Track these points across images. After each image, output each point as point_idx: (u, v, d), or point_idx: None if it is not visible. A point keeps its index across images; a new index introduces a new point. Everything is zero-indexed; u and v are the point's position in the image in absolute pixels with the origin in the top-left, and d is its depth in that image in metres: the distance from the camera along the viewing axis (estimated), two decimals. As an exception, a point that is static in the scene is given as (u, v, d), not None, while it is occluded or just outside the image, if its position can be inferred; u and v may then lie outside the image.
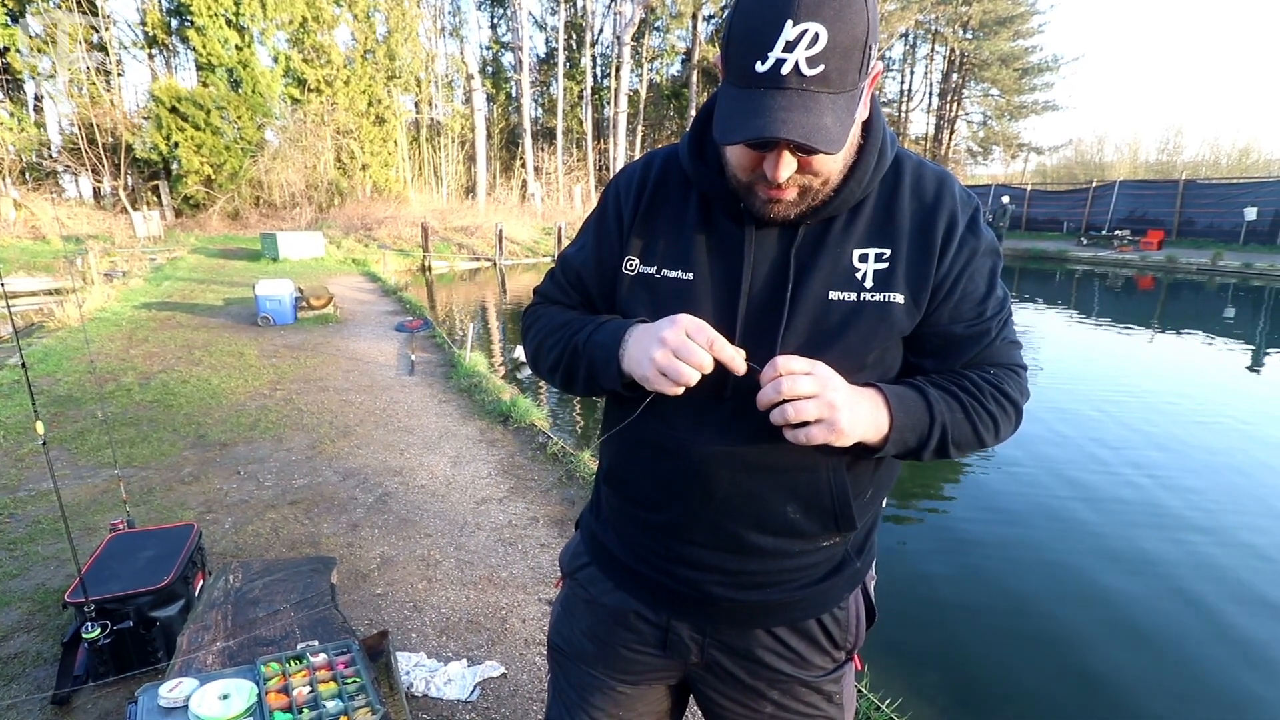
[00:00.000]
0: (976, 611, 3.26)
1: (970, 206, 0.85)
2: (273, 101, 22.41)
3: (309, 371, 6.36)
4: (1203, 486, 4.52)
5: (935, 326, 0.84)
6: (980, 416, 0.83)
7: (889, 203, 0.83)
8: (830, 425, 0.72)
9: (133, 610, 2.17)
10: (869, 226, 0.82)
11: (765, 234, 0.82)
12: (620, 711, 1.03)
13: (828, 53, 0.65)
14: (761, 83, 0.67)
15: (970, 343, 0.85)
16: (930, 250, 0.81)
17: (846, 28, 0.65)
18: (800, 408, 0.72)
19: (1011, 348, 0.88)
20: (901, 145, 0.87)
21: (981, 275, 0.84)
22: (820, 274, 0.81)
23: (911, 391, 0.81)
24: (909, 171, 0.84)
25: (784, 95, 0.67)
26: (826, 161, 0.74)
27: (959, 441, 0.83)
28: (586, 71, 32.20)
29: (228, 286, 11.45)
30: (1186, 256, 17.25)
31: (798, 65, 0.65)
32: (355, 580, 2.89)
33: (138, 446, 4.36)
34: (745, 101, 0.69)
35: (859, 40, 0.66)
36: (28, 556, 3.01)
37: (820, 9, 0.64)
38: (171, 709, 1.41)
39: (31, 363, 6.11)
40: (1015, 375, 0.87)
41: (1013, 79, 32.64)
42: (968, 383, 0.84)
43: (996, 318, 0.85)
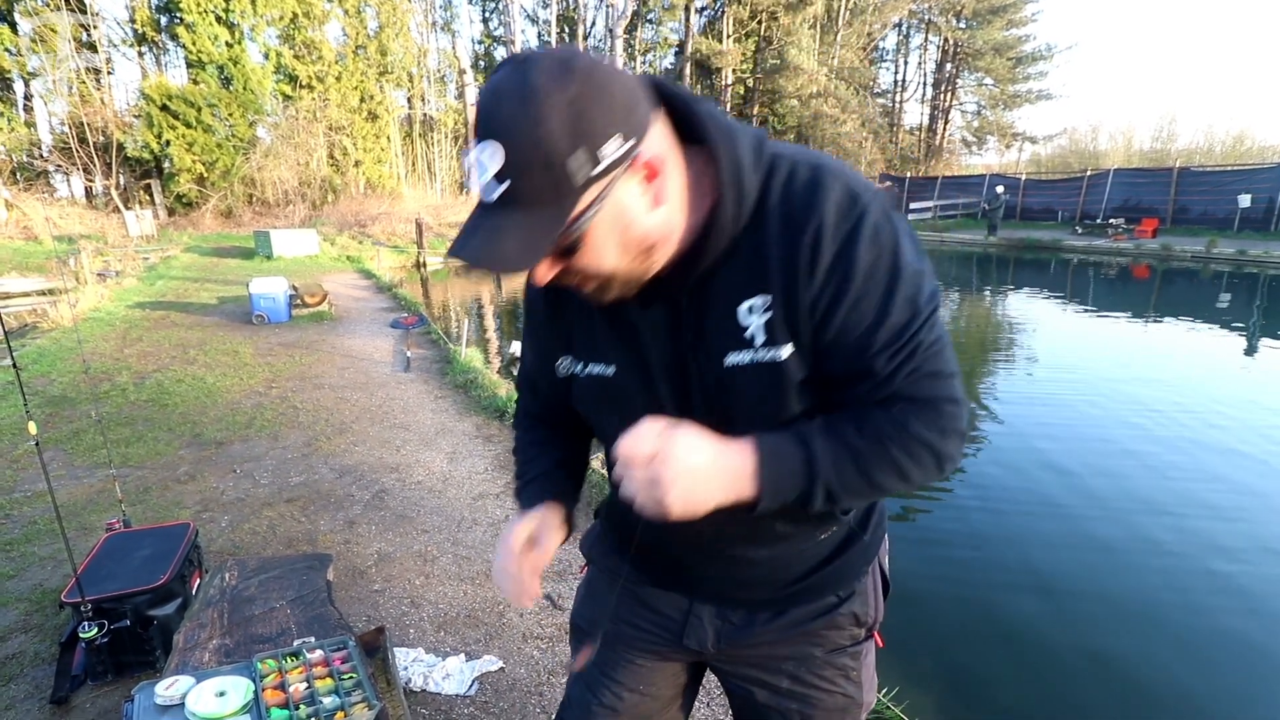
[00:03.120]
0: (972, 600, 3.28)
1: (853, 214, 0.69)
2: (264, 98, 22.28)
3: (304, 369, 6.34)
4: (1199, 474, 4.55)
5: (820, 363, 0.74)
6: (879, 466, 0.73)
7: (758, 235, 0.71)
8: (660, 507, 0.69)
9: (129, 609, 2.17)
10: (746, 272, 0.72)
11: (654, 310, 0.77)
12: (641, 685, 1.05)
13: (508, 170, 0.61)
14: (479, 195, 0.66)
15: (856, 381, 0.73)
16: (796, 277, 0.70)
17: (521, 144, 0.60)
18: (630, 487, 0.70)
19: (928, 381, 0.73)
20: (779, 146, 0.74)
21: (869, 300, 0.70)
22: (713, 339, 0.76)
23: (793, 446, 0.72)
24: (777, 186, 0.71)
25: (480, 214, 0.66)
26: (590, 258, 0.68)
27: (854, 492, 0.75)
28: (579, 65, 32.09)
29: (222, 285, 11.40)
30: (1181, 244, 17.26)
31: (487, 184, 0.63)
32: (352, 577, 2.89)
33: (133, 446, 4.35)
34: (467, 221, 0.68)
35: (542, 156, 0.60)
36: (24, 557, 3.01)
37: (493, 125, 0.61)
38: (168, 706, 1.41)
39: (25, 364, 6.08)
40: (933, 412, 0.73)
41: (1006, 68, 32.64)
42: (870, 426, 0.73)
43: (891, 349, 0.71)
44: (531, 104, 0.60)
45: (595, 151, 0.61)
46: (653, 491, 0.68)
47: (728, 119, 0.73)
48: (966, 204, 25.70)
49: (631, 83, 0.65)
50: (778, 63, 32.09)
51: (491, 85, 0.64)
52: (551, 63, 0.61)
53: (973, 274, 16.15)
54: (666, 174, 0.68)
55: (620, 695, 1.04)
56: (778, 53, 32.22)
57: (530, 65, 0.61)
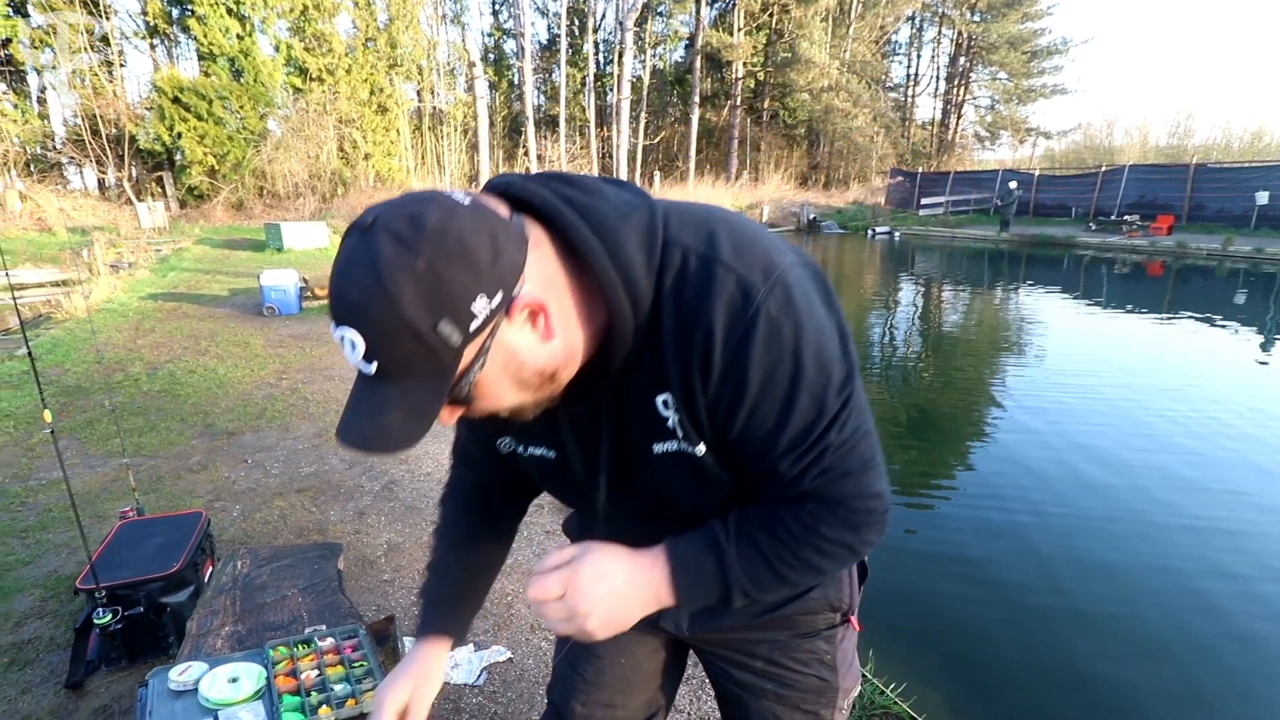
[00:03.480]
0: (981, 597, 3.26)
1: (745, 315, 0.64)
2: (275, 91, 22.33)
3: (314, 361, 6.38)
4: (1214, 475, 4.51)
5: (732, 458, 0.74)
6: (791, 567, 0.74)
7: (656, 335, 0.68)
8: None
9: (143, 596, 2.19)
10: (652, 369, 0.70)
11: (578, 406, 0.76)
12: (622, 658, 1.07)
13: (374, 351, 0.58)
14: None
15: (765, 479, 0.73)
16: (691, 382, 0.68)
17: (380, 326, 0.57)
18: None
19: (839, 481, 0.71)
20: (672, 227, 0.68)
21: (768, 406, 0.67)
22: (638, 430, 0.75)
23: (707, 554, 0.75)
24: (669, 281, 0.66)
25: (361, 386, 0.63)
26: (487, 402, 0.67)
27: (770, 590, 0.77)
28: (589, 58, 31.97)
29: (233, 277, 11.47)
30: (1196, 242, 17.07)
31: (357, 365, 0.60)
32: (362, 566, 2.91)
33: (146, 436, 4.39)
34: (351, 391, 0.65)
35: (407, 332, 0.56)
36: (39, 544, 3.05)
37: (348, 309, 0.58)
38: (181, 692, 1.42)
39: (39, 353, 6.15)
40: (846, 511, 0.72)
41: (1021, 62, 32.30)
42: (781, 528, 0.73)
43: (796, 452, 0.69)
44: (382, 281, 0.55)
45: (462, 317, 0.57)
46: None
47: (613, 208, 0.66)
48: (979, 200, 25.52)
49: (493, 225, 0.59)
50: (789, 56, 31.89)
51: (340, 259, 0.59)
52: (400, 228, 0.56)
53: (984, 270, 16.04)
54: (552, 307, 0.64)
55: (601, 669, 1.07)
56: (789, 46, 32.01)
57: (376, 234, 0.57)
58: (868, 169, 35.59)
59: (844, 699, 1.03)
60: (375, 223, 0.58)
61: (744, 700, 1.03)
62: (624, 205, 0.67)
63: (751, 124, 35.85)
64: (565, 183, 0.68)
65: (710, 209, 0.72)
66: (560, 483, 0.90)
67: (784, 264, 0.67)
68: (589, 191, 0.67)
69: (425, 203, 0.59)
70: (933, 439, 5.31)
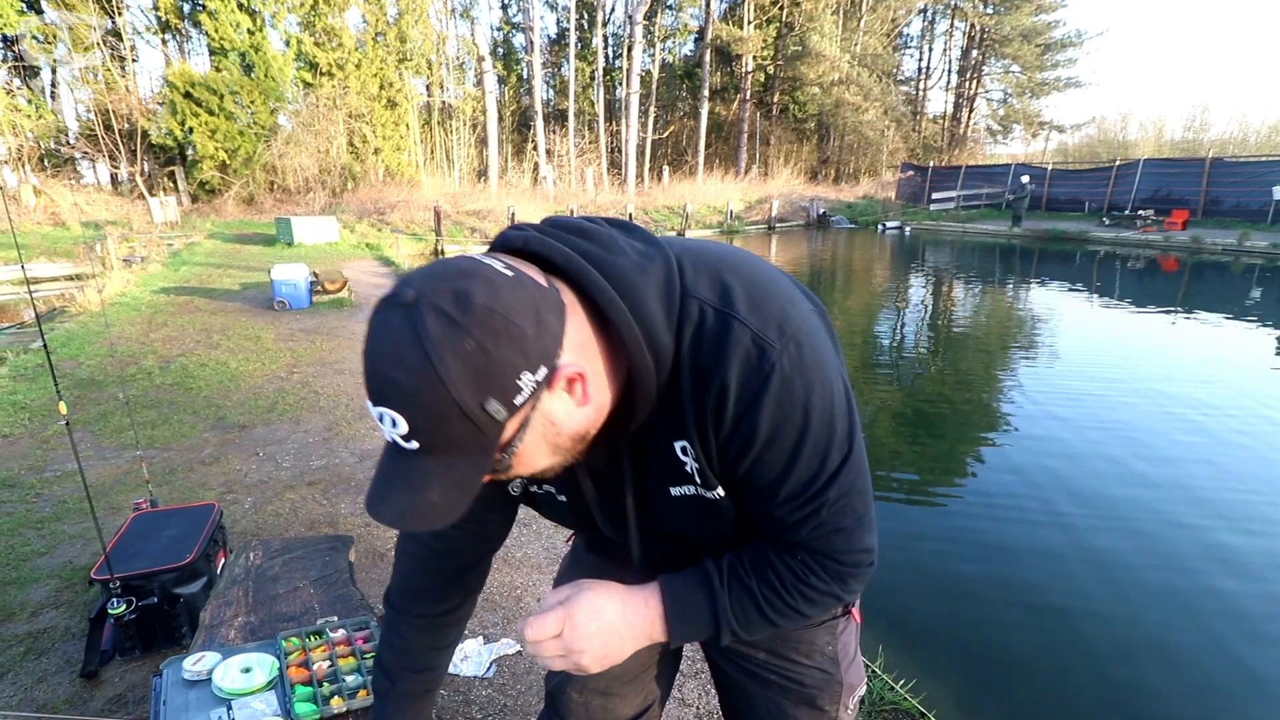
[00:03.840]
0: (991, 594, 3.25)
1: (760, 373, 0.65)
2: (285, 85, 22.40)
3: (325, 355, 6.41)
4: (1225, 473, 4.46)
5: (738, 498, 0.77)
6: (780, 612, 0.78)
7: (675, 386, 0.69)
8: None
9: (157, 587, 2.21)
10: (671, 417, 0.71)
11: (596, 452, 0.76)
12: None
13: (416, 433, 0.57)
14: (387, 441, 0.62)
15: (763, 522, 0.76)
16: (705, 431, 0.70)
17: (425, 410, 0.56)
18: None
19: (832, 536, 0.74)
20: (691, 280, 0.68)
21: (773, 458, 0.69)
22: (656, 473, 0.78)
23: (700, 595, 0.78)
24: (688, 335, 0.67)
25: (395, 463, 0.61)
26: (522, 468, 0.67)
27: (757, 631, 0.80)
28: (598, 52, 31.90)
29: (244, 271, 11.54)
30: (1212, 237, 16.86)
31: (395, 440, 0.59)
32: (373, 559, 2.93)
33: (159, 428, 4.42)
34: (380, 460, 0.65)
35: (454, 413, 0.56)
36: (55, 535, 3.08)
37: (386, 395, 0.57)
38: (195, 681, 1.44)
39: (54, 347, 6.20)
40: (835, 564, 0.76)
41: (1034, 55, 31.96)
42: (773, 574, 0.77)
43: (795, 503, 0.71)
44: (431, 363, 0.54)
45: (509, 394, 0.57)
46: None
47: (631, 263, 0.66)
48: (991, 194, 25.31)
49: (535, 298, 0.59)
50: (799, 49, 31.68)
51: (379, 336, 0.57)
52: (446, 306, 0.55)
53: (996, 266, 15.92)
54: (589, 373, 0.64)
55: None
56: (799, 39, 31.80)
57: (421, 312, 0.55)
58: (878, 163, 35.38)
59: (849, 695, 1.02)
60: (418, 300, 0.56)
61: (747, 690, 1.02)
62: (640, 258, 0.67)
63: (761, 118, 35.68)
64: (582, 235, 0.68)
65: (722, 253, 0.73)
66: (566, 517, 0.92)
67: (798, 318, 0.69)
68: (606, 246, 0.67)
69: (469, 277, 0.58)
70: (943, 435, 5.28)
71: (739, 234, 23.40)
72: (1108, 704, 2.56)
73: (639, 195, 27.10)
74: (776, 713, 1.01)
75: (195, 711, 1.35)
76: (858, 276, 14.39)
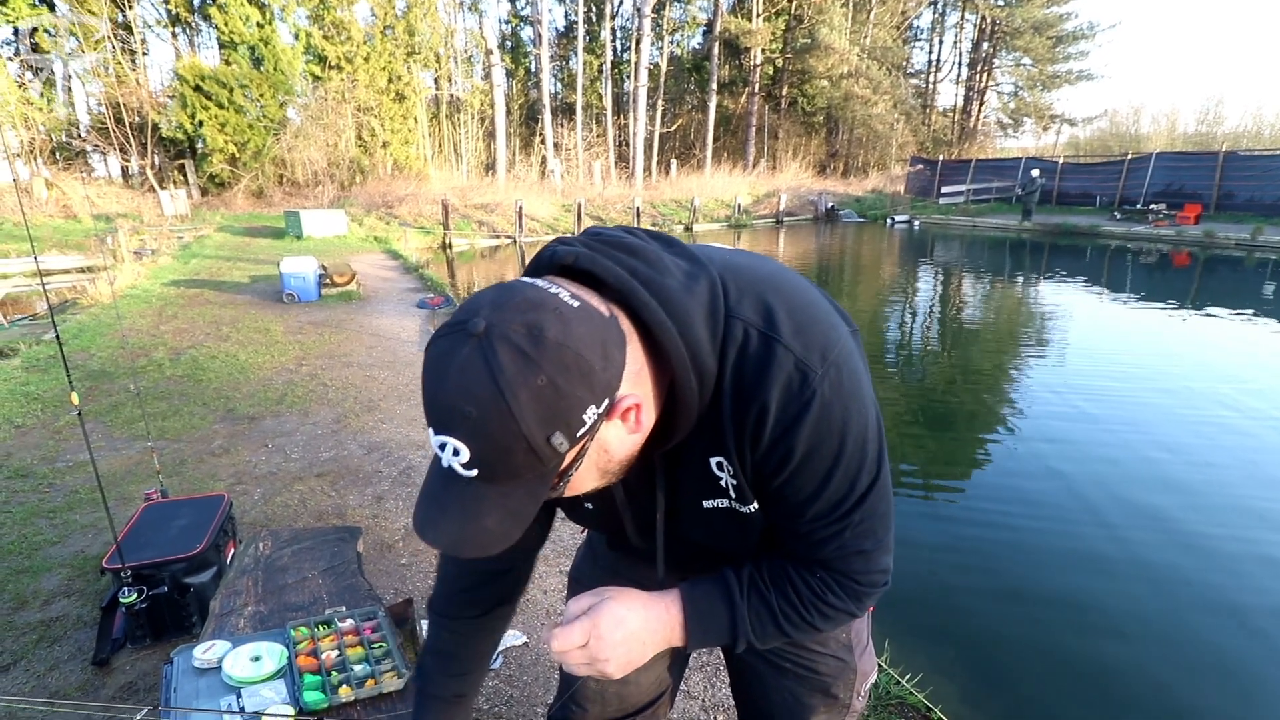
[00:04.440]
0: (998, 590, 3.24)
1: (801, 398, 0.66)
2: (294, 79, 22.42)
3: (333, 347, 6.44)
4: (1236, 472, 4.43)
5: (765, 512, 0.78)
6: (795, 625, 0.80)
7: (715, 404, 0.70)
8: (602, 676, 0.76)
9: (167, 576, 2.23)
10: (709, 434, 0.72)
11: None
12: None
13: (478, 463, 0.57)
14: (438, 461, 0.62)
15: (786, 536, 0.78)
16: (743, 448, 0.71)
17: (492, 444, 0.56)
18: (573, 668, 0.77)
19: (852, 558, 0.76)
20: (735, 301, 0.68)
21: (805, 478, 0.70)
22: (689, 486, 0.79)
23: (721, 605, 0.79)
24: (731, 356, 0.68)
25: (449, 488, 0.61)
26: (571, 491, 0.68)
27: (772, 642, 0.82)
28: (606, 45, 31.77)
29: (253, 264, 11.59)
30: (1225, 231, 16.69)
31: (452, 467, 0.59)
32: (380, 550, 2.94)
33: (169, 420, 4.46)
34: (430, 476, 0.64)
35: (520, 446, 0.56)
36: (67, 524, 3.11)
37: (452, 425, 0.56)
38: (205, 670, 1.45)
39: (66, 338, 6.25)
40: (852, 584, 0.78)
41: (1046, 47, 31.62)
42: (792, 591, 0.78)
43: (822, 522, 0.73)
44: (504, 397, 0.54)
45: (573, 427, 0.58)
46: (593, 668, 0.75)
47: (678, 283, 0.66)
48: (1001, 188, 25.09)
49: (602, 331, 0.59)
50: (808, 42, 31.48)
51: (446, 365, 0.57)
52: (519, 340, 0.55)
53: (1005, 260, 15.81)
54: (643, 401, 0.65)
55: None
56: (808, 31, 31.59)
57: (493, 344, 0.55)
58: (887, 157, 35.14)
59: (862, 683, 1.03)
60: (489, 331, 0.56)
61: (763, 677, 1.03)
62: (686, 278, 0.68)
63: (769, 111, 35.49)
64: (629, 253, 0.68)
65: (764, 272, 0.73)
66: (592, 522, 0.93)
67: (839, 343, 0.70)
68: (654, 265, 0.67)
69: (539, 309, 0.57)
70: (951, 431, 5.26)
71: (746, 228, 23.31)
72: (1112, 700, 2.56)
73: (646, 189, 27.03)
74: (792, 701, 1.01)
75: (205, 699, 1.37)
76: (866, 271, 14.32)
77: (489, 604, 1.02)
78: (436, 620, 1.02)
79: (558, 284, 0.62)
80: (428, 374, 0.59)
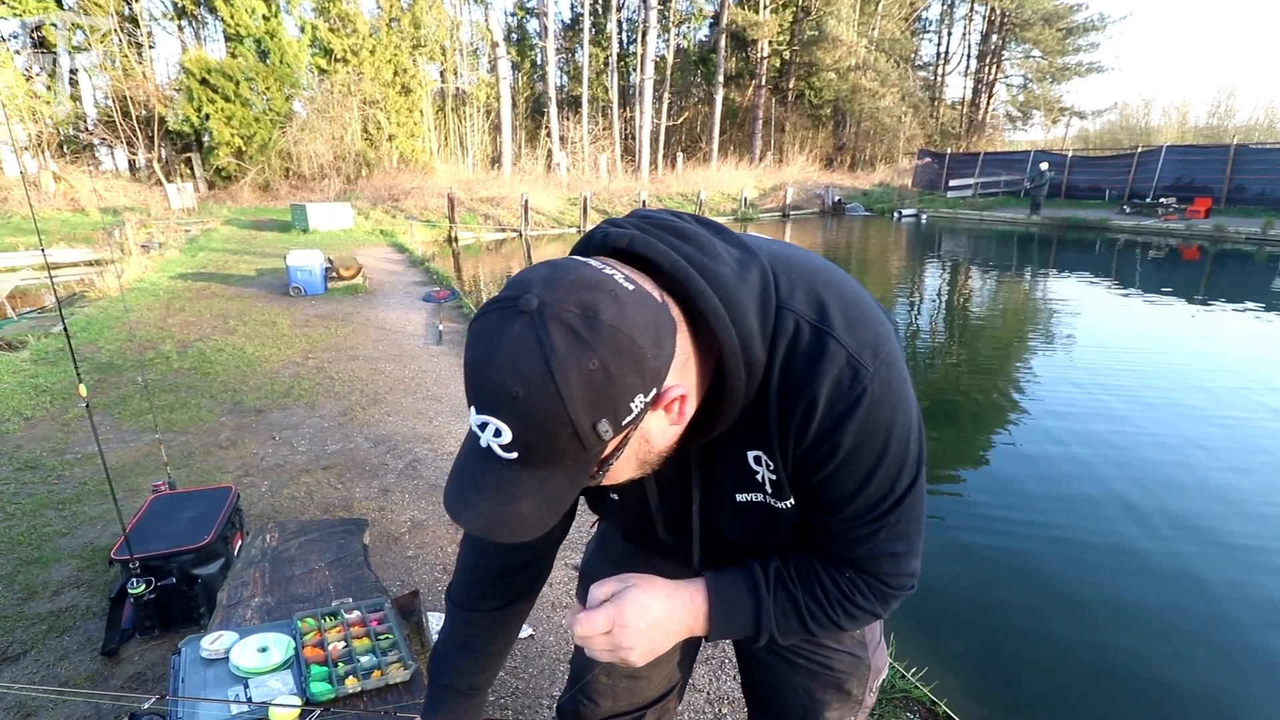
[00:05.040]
0: (1003, 585, 3.23)
1: (850, 395, 0.65)
2: (300, 72, 22.45)
3: (339, 340, 6.45)
4: (1241, 467, 4.40)
5: (800, 508, 0.77)
6: (819, 623, 0.79)
7: (761, 396, 0.69)
8: (624, 664, 0.75)
9: (175, 567, 2.24)
10: (750, 426, 0.71)
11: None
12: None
13: (517, 444, 0.55)
14: (475, 441, 0.59)
15: (819, 533, 0.77)
16: (787, 442, 0.70)
17: (534, 425, 0.54)
18: (596, 654, 0.75)
19: (884, 560, 0.75)
20: (786, 293, 0.67)
21: (847, 475, 0.69)
22: (724, 478, 0.78)
23: (746, 597, 0.78)
24: (781, 349, 0.66)
25: (486, 470, 0.59)
26: (609, 480, 0.66)
27: (794, 637, 0.81)
28: (612, 37, 31.65)
29: (260, 257, 11.62)
30: (1235, 225, 16.54)
31: (491, 447, 0.57)
32: (387, 542, 2.95)
33: (177, 412, 4.48)
34: (464, 456, 0.62)
35: (565, 431, 0.54)
36: (75, 516, 3.13)
37: (496, 405, 0.54)
38: (213, 660, 1.46)
39: (74, 331, 6.29)
40: (881, 586, 0.77)
41: (1056, 39, 31.31)
42: (819, 588, 0.78)
43: (858, 521, 0.72)
44: (555, 379, 0.52)
45: (620, 415, 0.56)
46: (615, 655, 0.74)
47: (731, 271, 0.65)
48: (1009, 181, 24.92)
49: (655, 317, 0.57)
50: (816, 34, 31.28)
51: (495, 346, 0.55)
52: (573, 320, 0.53)
53: (1013, 254, 15.71)
54: (689, 392, 0.63)
55: None
56: (816, 23, 31.39)
57: (546, 325, 0.53)
58: (895, 150, 34.95)
59: (875, 679, 1.03)
60: (542, 310, 0.54)
61: (776, 673, 1.02)
62: (738, 266, 0.66)
63: (776, 104, 35.32)
64: (681, 237, 0.66)
65: (813, 264, 0.72)
66: (615, 514, 0.92)
67: (888, 340, 0.69)
68: (706, 251, 0.65)
69: (594, 289, 0.56)
70: (956, 425, 5.24)
71: (753, 221, 23.24)
72: (1117, 693, 2.55)
73: (653, 182, 26.97)
74: (805, 697, 1.01)
75: (213, 689, 1.37)
76: (873, 265, 14.26)
77: (509, 597, 1.00)
78: (455, 611, 1.01)
79: (611, 265, 0.61)
80: (474, 350, 0.57)
